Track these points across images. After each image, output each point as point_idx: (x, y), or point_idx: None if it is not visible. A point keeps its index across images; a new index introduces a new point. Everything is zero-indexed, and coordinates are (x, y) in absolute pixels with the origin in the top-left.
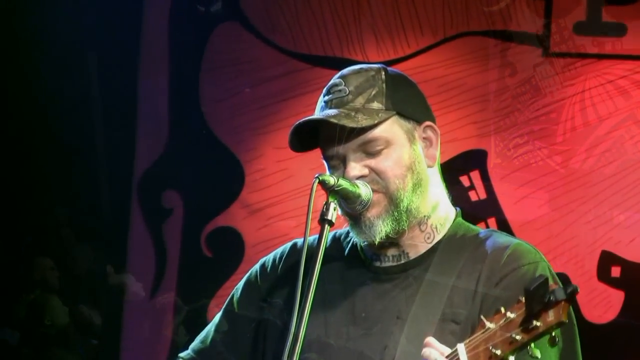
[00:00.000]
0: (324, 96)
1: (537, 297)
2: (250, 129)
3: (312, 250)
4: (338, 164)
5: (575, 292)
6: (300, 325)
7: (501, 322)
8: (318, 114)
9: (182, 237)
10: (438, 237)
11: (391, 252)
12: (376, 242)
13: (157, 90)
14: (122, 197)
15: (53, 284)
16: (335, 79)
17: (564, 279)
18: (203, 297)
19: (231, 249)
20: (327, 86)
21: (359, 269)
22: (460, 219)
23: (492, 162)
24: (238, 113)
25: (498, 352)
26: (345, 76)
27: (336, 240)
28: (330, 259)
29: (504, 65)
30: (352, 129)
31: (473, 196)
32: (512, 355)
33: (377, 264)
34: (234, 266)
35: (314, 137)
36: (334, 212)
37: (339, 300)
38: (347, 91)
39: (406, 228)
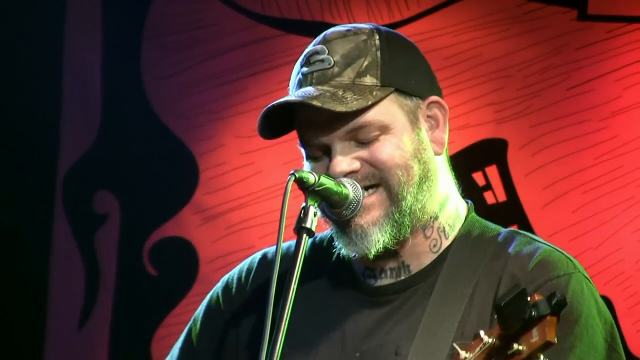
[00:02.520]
0: (301, 67)
1: (513, 315)
2: (205, 113)
3: (287, 266)
4: (320, 155)
5: (562, 303)
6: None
7: (477, 350)
8: (294, 92)
9: (119, 251)
10: (447, 243)
11: (388, 264)
12: (371, 256)
13: (87, 64)
14: (42, 200)
15: None
16: (315, 45)
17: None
18: (146, 327)
19: (182, 265)
20: (305, 53)
21: (348, 289)
22: (473, 214)
23: (513, 154)
24: (190, 92)
25: None
26: (329, 41)
27: (317, 248)
28: (310, 276)
29: (529, 31)
30: (340, 113)
31: (489, 198)
32: None
33: (371, 282)
34: (186, 287)
35: (288, 118)
36: (315, 218)
37: (324, 334)
38: (332, 62)
39: (408, 234)
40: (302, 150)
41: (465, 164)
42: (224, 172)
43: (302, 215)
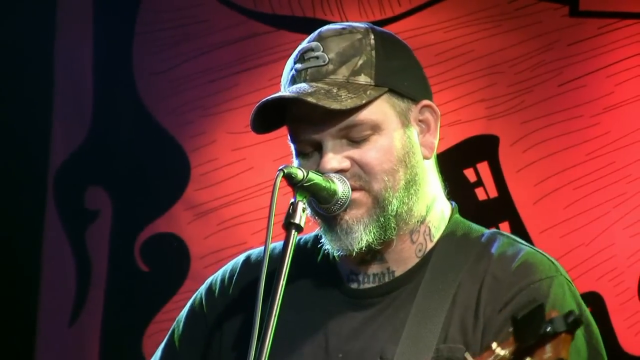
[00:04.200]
0: (294, 63)
1: (529, 329)
2: (197, 109)
3: (273, 266)
4: (311, 151)
5: (578, 322)
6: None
7: None
8: (287, 87)
9: (111, 247)
10: (431, 245)
11: (373, 269)
12: (354, 253)
13: (78, 60)
14: (33, 196)
15: None
16: (310, 42)
17: (594, 299)
18: (137, 324)
19: (173, 261)
20: (299, 49)
21: (332, 291)
22: (457, 215)
23: (505, 151)
24: (182, 89)
25: None
26: (324, 39)
27: (301, 249)
28: (294, 277)
29: (520, 27)
30: (333, 110)
31: (481, 194)
32: None
33: (354, 285)
34: (177, 284)
35: (281, 113)
36: (303, 214)
37: (308, 334)
38: (327, 59)
39: (394, 237)
40: (292, 146)
41: (456, 160)
42: (216, 168)
43: (290, 210)
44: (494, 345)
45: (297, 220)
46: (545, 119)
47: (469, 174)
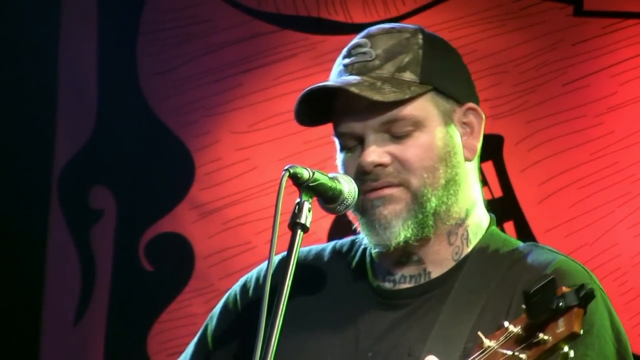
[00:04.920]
0: (343, 58)
1: (541, 303)
2: (201, 109)
3: (283, 264)
4: (354, 145)
5: (591, 295)
6: (267, 357)
7: (501, 338)
8: (334, 80)
9: (115, 247)
10: (467, 251)
11: (410, 270)
12: (392, 248)
13: (83, 59)
14: (37, 196)
15: None
16: (359, 38)
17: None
18: (142, 323)
19: (178, 261)
20: (348, 46)
21: (365, 291)
22: (494, 227)
23: (509, 150)
24: (186, 88)
25: None
26: (373, 36)
27: (337, 253)
28: (329, 278)
29: (525, 27)
30: (376, 103)
31: (486, 194)
32: None
33: (389, 285)
34: (182, 283)
35: (326, 108)
36: (309, 214)
37: (338, 333)
38: (374, 55)
39: (432, 235)
40: (336, 141)
41: None
42: (220, 167)
43: (296, 210)
44: (506, 323)
45: (302, 220)
46: (549, 119)
47: None
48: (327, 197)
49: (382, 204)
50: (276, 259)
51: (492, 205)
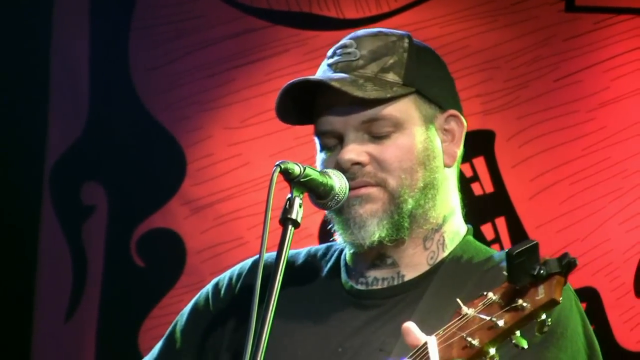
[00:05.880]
0: (328, 58)
1: (523, 267)
2: (194, 104)
3: (272, 260)
4: (334, 143)
5: (573, 264)
6: (257, 355)
7: (480, 305)
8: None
9: (107, 242)
10: (442, 255)
11: (384, 273)
12: (365, 247)
13: (75, 54)
14: (29, 191)
15: None
16: (345, 40)
17: (590, 294)
18: (134, 319)
19: (169, 256)
20: (334, 47)
21: (339, 292)
22: (470, 237)
23: (501, 146)
24: (178, 84)
25: (475, 342)
26: (359, 38)
27: (312, 257)
28: (302, 279)
29: (517, 22)
30: (357, 100)
31: (477, 190)
32: (493, 346)
33: (362, 287)
34: (173, 279)
35: (309, 107)
36: (300, 209)
37: (310, 331)
38: (358, 55)
39: (407, 238)
40: (317, 141)
41: None
42: (212, 163)
43: (287, 206)
44: (486, 292)
45: (293, 216)
46: (541, 114)
47: (465, 169)
48: (318, 193)
49: (359, 203)
50: (250, 261)
51: (483, 201)
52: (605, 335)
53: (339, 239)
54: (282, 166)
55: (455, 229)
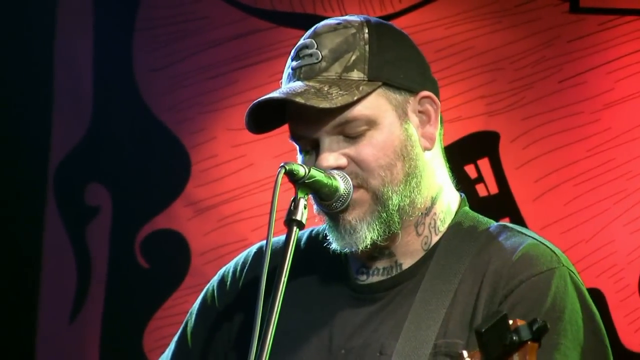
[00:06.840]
0: (291, 60)
1: (495, 340)
2: (197, 105)
3: (278, 261)
4: (311, 147)
5: (544, 329)
6: (262, 356)
7: None
8: (283, 87)
9: (111, 243)
10: (436, 239)
11: (382, 263)
12: (359, 251)
13: (78, 56)
14: (33, 193)
15: None
16: (305, 39)
17: (594, 296)
18: (138, 321)
19: (173, 257)
20: (295, 47)
21: (339, 286)
22: (465, 207)
23: (505, 147)
24: (181, 85)
25: None
26: (319, 35)
27: (313, 240)
28: (303, 270)
29: (521, 23)
30: (325, 109)
31: (481, 191)
32: None
33: (362, 279)
34: (177, 280)
35: (281, 112)
36: (305, 210)
37: (313, 331)
38: (320, 56)
39: (399, 230)
40: (295, 145)
41: (457, 156)
42: (216, 164)
43: (292, 207)
44: (465, 354)
45: (298, 217)
46: (545, 116)
47: (470, 170)
48: (323, 194)
49: (347, 209)
50: (255, 248)
51: (487, 202)
52: (610, 337)
53: (333, 245)
54: (287, 167)
55: (445, 207)
